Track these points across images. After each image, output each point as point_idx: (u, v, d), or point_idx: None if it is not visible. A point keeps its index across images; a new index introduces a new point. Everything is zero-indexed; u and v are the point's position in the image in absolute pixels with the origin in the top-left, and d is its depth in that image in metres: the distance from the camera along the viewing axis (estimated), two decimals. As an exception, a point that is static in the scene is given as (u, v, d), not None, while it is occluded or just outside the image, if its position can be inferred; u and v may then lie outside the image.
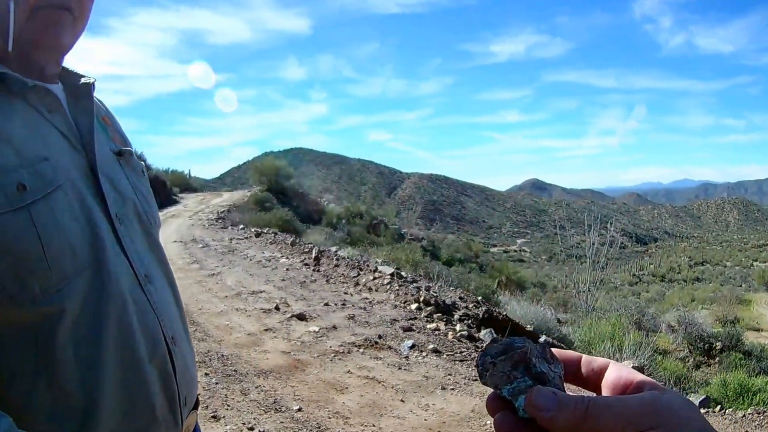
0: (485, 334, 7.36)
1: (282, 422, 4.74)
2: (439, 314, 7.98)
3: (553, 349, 0.60)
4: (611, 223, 21.10)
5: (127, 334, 1.05)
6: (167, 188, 26.79)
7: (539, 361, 0.56)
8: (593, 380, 0.59)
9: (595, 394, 0.58)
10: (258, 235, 15.34)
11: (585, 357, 0.60)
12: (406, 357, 6.36)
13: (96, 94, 1.25)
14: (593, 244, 16.37)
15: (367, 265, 10.90)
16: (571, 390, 0.55)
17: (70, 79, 1.23)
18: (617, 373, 0.57)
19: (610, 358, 7.53)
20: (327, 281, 9.99)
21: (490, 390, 0.58)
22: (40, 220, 0.94)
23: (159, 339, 1.13)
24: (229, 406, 4.95)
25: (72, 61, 1.23)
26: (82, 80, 1.23)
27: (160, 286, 1.21)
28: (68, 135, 1.11)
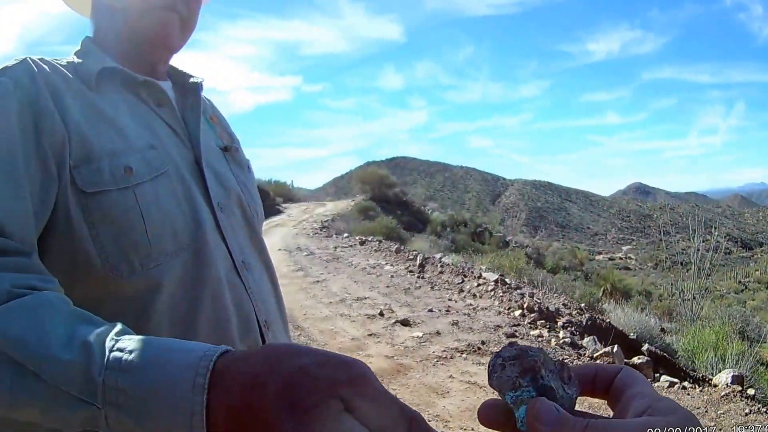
0: (588, 342, 7.17)
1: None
2: (543, 321, 7.84)
3: (574, 368, 0.58)
4: (715, 228, 20.11)
5: (221, 314, 1.09)
6: (271, 198, 27.53)
7: (551, 375, 0.55)
8: (611, 393, 0.57)
9: (612, 413, 0.57)
10: (362, 243, 15.54)
11: (600, 367, 0.59)
12: (510, 363, 6.28)
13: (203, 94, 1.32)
14: (698, 250, 15.71)
15: (472, 272, 10.85)
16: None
17: (180, 78, 1.32)
18: (630, 387, 0.55)
19: (712, 368, 7.20)
20: (431, 288, 10.02)
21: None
22: (144, 200, 1.01)
23: (252, 322, 1.16)
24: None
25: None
26: (191, 80, 1.31)
27: (257, 273, 1.25)
28: (176, 128, 1.18)
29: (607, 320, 8.86)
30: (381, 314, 8.05)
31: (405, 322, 7.63)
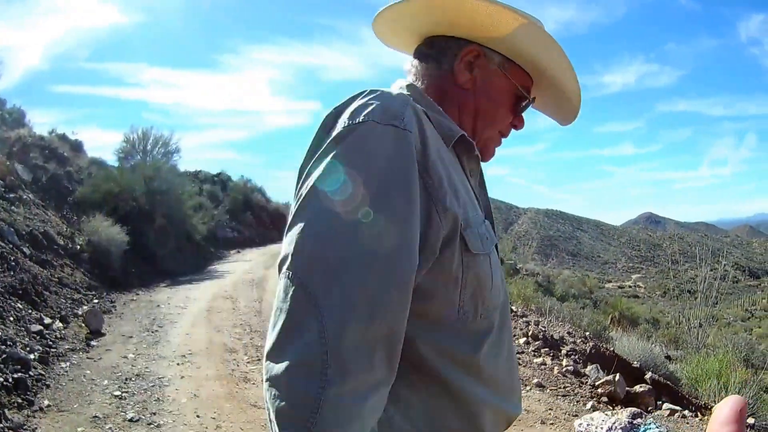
0: (591, 370, 7.24)
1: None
2: (547, 349, 7.88)
3: None
4: (723, 257, 20.05)
5: (510, 352, 1.36)
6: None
7: None
8: None
9: None
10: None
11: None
12: (512, 389, 6.36)
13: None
14: (705, 278, 15.75)
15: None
16: None
17: None
18: None
19: (715, 396, 7.21)
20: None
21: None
22: (493, 265, 1.24)
23: (514, 354, 1.42)
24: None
25: (191, 93, 1.40)
26: (474, 152, 1.40)
27: None
28: (480, 199, 1.37)
29: (612, 348, 8.91)
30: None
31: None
